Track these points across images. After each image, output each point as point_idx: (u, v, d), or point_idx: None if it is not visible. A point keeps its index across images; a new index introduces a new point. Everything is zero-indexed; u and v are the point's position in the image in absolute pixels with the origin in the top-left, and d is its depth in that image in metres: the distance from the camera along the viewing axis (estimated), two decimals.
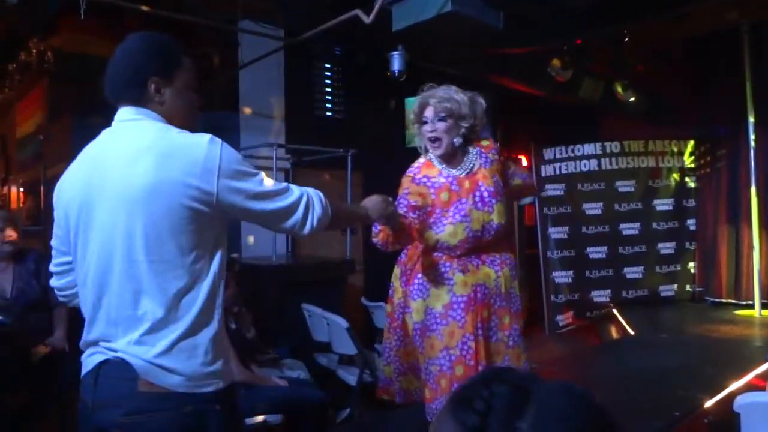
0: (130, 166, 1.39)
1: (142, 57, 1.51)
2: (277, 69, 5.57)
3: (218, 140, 1.44)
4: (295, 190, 1.54)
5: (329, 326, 3.96)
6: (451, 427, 0.72)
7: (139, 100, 1.50)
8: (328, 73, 6.16)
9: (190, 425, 1.38)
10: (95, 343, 1.45)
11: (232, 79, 5.49)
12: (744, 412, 2.12)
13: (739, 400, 2.19)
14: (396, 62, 4.65)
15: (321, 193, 1.60)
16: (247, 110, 5.46)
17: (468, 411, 0.70)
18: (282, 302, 4.40)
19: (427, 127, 2.50)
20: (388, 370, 2.69)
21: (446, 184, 2.50)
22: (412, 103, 2.60)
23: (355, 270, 5.17)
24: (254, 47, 5.27)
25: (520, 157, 7.14)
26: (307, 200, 1.54)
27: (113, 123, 1.52)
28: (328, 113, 6.10)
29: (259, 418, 3.06)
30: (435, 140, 2.49)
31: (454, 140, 2.49)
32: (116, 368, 1.39)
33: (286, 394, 3.16)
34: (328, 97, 6.15)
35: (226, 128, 5.48)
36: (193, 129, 1.51)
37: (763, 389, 3.44)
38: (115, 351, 1.40)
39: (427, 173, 2.53)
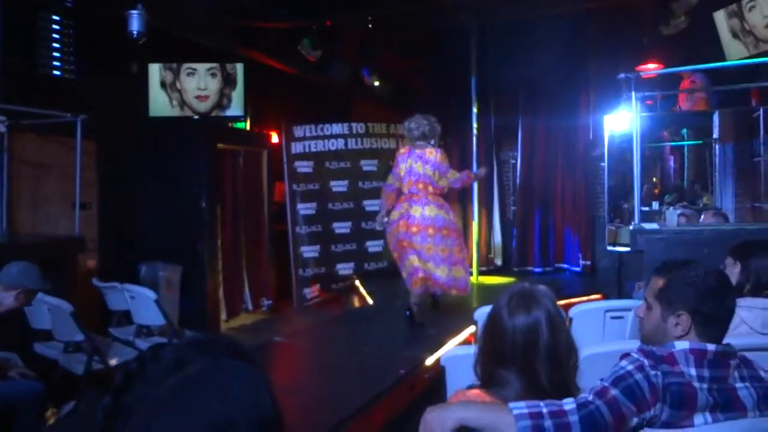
0: None
1: None
2: None
3: None
4: None
5: (50, 311, 3.55)
6: None
7: None
8: (56, 27, 5.43)
9: None
10: None
11: None
12: (448, 364, 2.44)
13: (444, 355, 2.52)
14: (134, 22, 4.33)
15: None
16: None
17: (123, 368, 0.69)
18: None
19: None
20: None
21: None
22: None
23: (87, 248, 4.70)
24: None
25: (270, 132, 7.14)
26: None
27: None
28: (56, 72, 5.38)
29: None
30: None
31: None
32: None
33: None
34: (57, 54, 5.42)
35: None
36: None
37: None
38: None
39: None
